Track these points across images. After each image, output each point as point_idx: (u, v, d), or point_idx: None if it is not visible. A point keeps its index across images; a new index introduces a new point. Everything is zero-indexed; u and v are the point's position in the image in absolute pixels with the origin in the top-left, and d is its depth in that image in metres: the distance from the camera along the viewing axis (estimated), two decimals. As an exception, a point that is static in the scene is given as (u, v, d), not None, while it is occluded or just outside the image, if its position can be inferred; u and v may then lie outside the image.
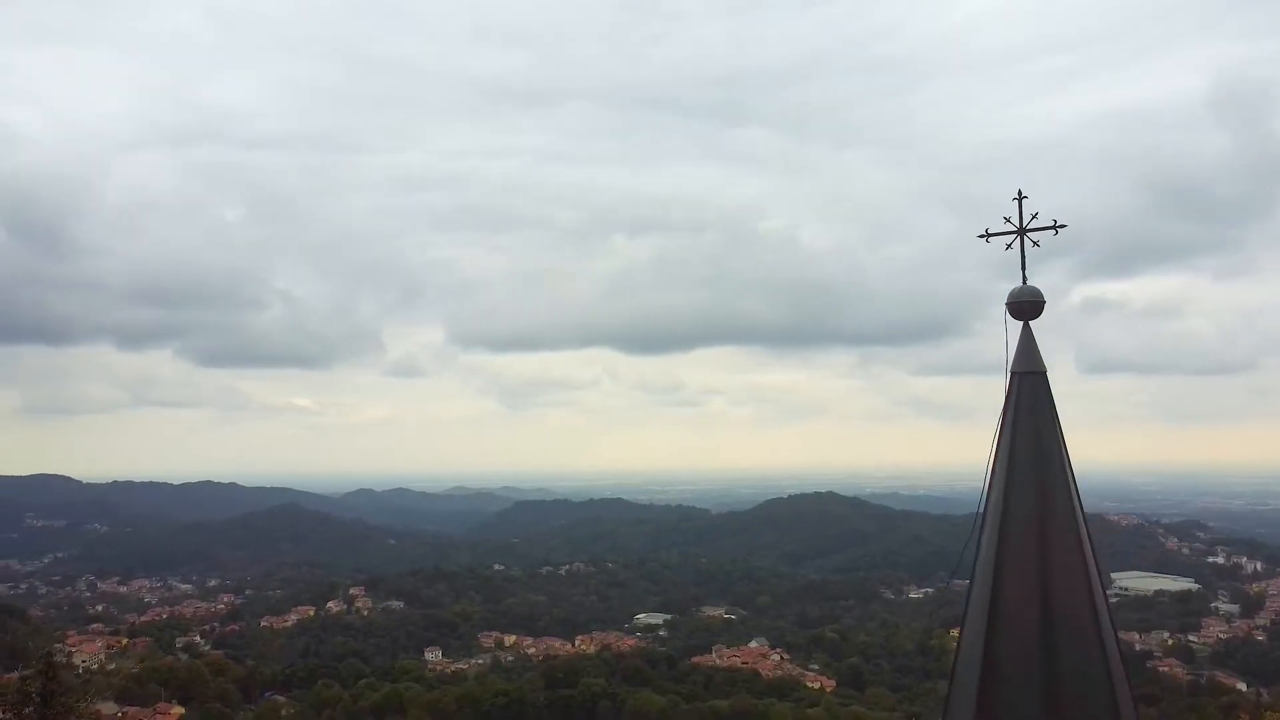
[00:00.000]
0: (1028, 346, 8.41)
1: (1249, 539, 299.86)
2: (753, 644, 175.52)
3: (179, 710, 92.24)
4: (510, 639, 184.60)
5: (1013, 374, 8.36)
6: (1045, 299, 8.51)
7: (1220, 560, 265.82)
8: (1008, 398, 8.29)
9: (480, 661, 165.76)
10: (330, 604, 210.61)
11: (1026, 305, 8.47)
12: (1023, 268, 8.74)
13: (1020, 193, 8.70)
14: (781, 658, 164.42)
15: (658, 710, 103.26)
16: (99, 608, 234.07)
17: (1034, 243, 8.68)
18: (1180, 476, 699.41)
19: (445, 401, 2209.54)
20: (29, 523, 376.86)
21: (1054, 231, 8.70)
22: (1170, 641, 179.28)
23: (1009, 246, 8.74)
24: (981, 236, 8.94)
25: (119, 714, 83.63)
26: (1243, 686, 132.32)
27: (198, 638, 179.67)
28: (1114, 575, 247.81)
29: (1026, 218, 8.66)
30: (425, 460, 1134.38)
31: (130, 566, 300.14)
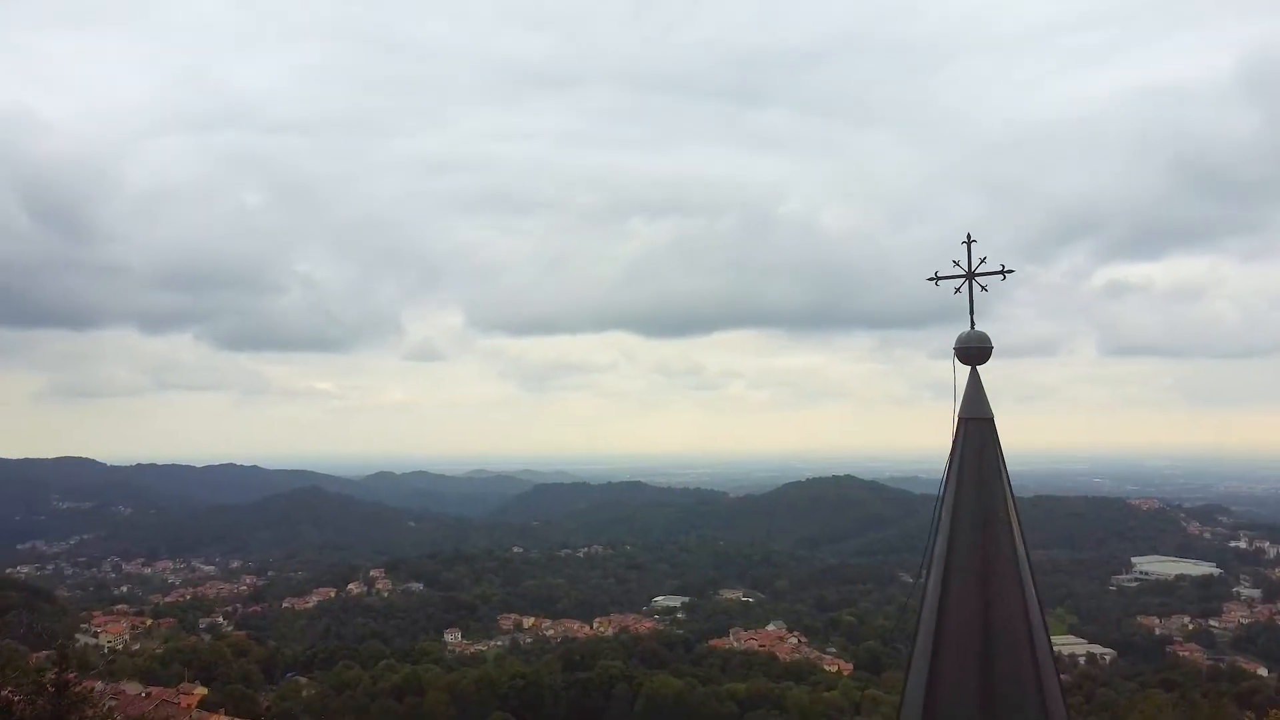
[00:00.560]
0: (975, 392, 8.45)
1: (1272, 523, 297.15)
2: (770, 627, 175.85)
3: (202, 690, 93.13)
4: (529, 621, 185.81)
5: (960, 419, 8.39)
6: (993, 345, 8.52)
7: (1243, 545, 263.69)
8: (955, 442, 8.35)
9: (499, 643, 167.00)
10: (351, 586, 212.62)
11: (974, 351, 8.54)
12: (970, 312, 8.78)
13: (969, 236, 8.72)
14: (799, 641, 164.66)
15: (674, 693, 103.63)
16: (124, 588, 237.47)
17: (982, 287, 8.68)
18: (1203, 460, 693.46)
19: (465, 385, 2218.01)
20: (55, 504, 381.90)
21: (1001, 277, 8.70)
22: (1191, 626, 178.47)
23: (957, 290, 8.75)
24: (930, 279, 8.95)
25: (143, 694, 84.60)
26: (1264, 671, 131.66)
27: (221, 618, 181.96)
28: (1134, 559, 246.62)
29: (975, 262, 8.64)
30: (445, 443, 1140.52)
31: (154, 548, 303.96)
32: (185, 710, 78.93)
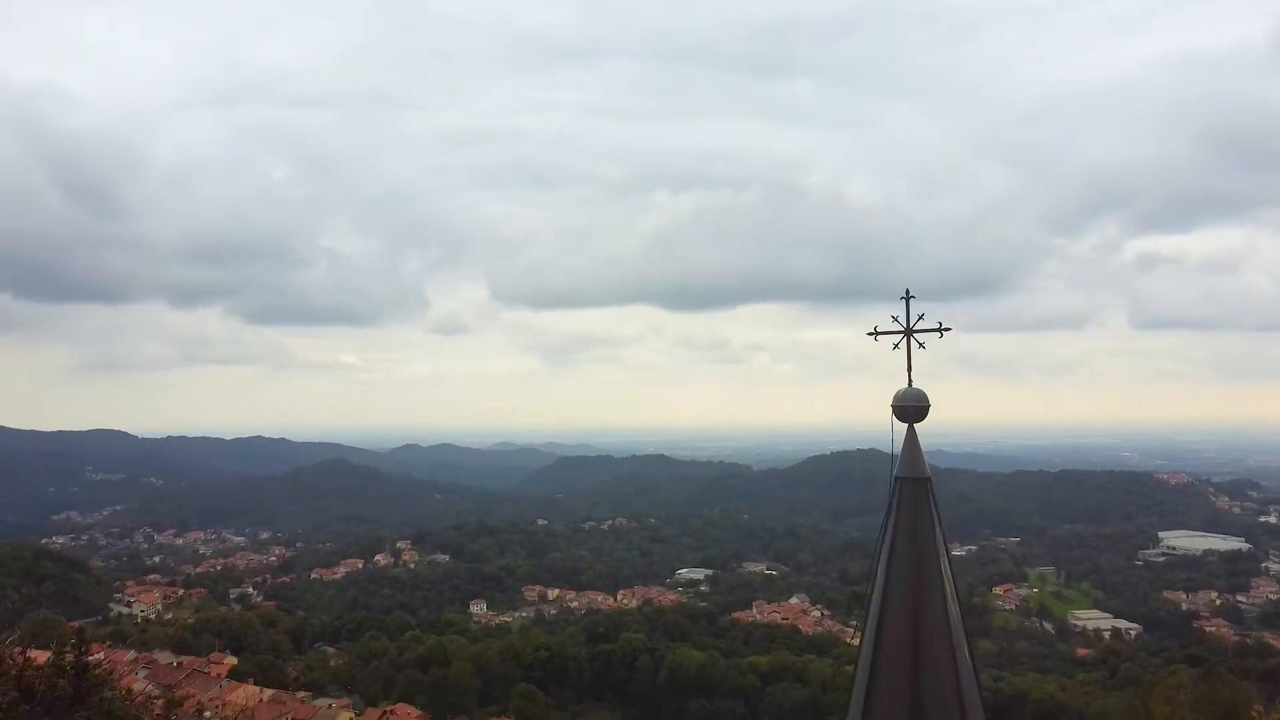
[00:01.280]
0: (912, 451, 8.33)
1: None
2: (793, 600, 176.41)
3: (232, 660, 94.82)
4: (554, 593, 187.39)
5: (896, 479, 8.32)
6: (930, 402, 8.42)
7: (1272, 519, 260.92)
8: (890, 502, 8.31)
9: (524, 615, 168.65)
10: (378, 557, 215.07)
11: (910, 409, 8.43)
12: (908, 369, 8.72)
13: (908, 291, 8.64)
14: (822, 614, 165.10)
15: (697, 665, 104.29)
16: (156, 559, 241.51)
17: (920, 344, 8.62)
18: (1234, 435, 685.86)
19: (489, 358, 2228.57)
20: (88, 476, 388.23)
21: (939, 335, 8.64)
22: (1218, 601, 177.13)
23: (896, 346, 8.68)
24: (870, 334, 8.91)
25: (175, 663, 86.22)
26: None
27: (250, 589, 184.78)
28: (1161, 534, 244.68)
29: (913, 318, 8.56)
30: (470, 416, 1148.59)
31: (185, 519, 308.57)
32: (215, 679, 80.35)
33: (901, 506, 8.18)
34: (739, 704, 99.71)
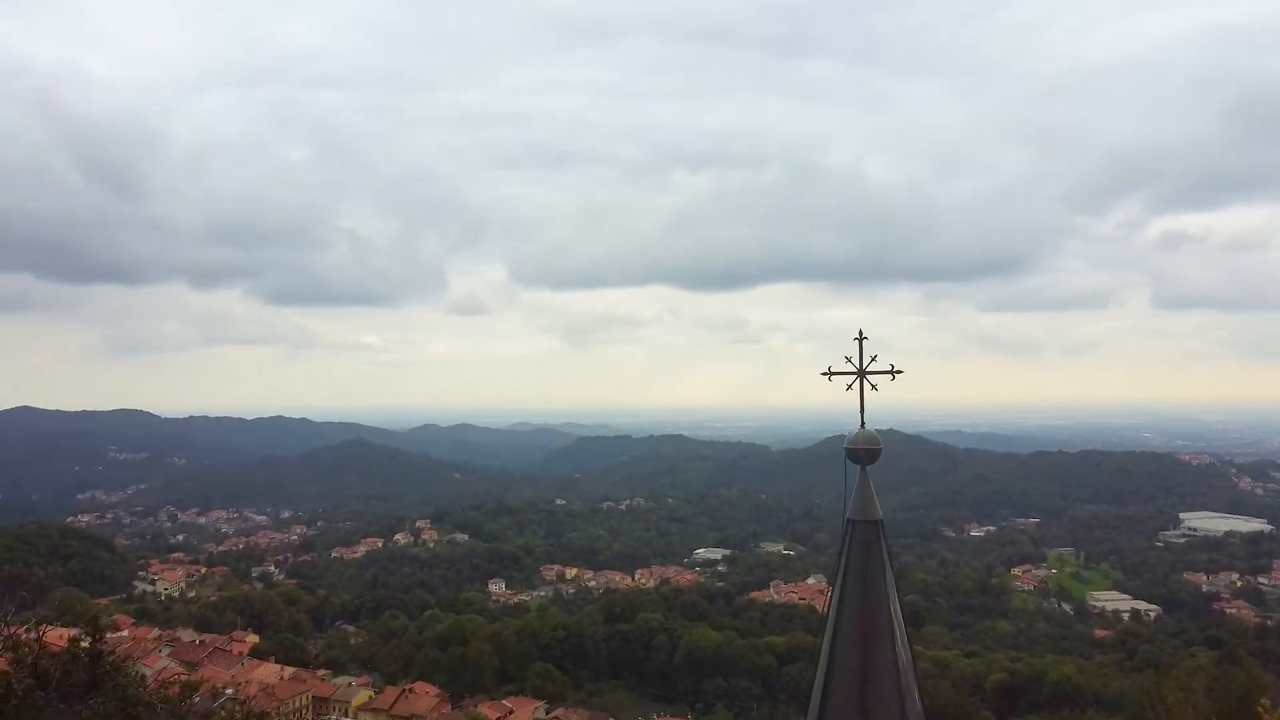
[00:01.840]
0: (864, 494, 8.45)
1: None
2: (810, 580, 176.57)
3: (253, 638, 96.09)
4: (572, 572, 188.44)
5: (848, 520, 8.37)
6: (882, 445, 8.63)
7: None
8: (842, 543, 8.35)
9: (542, 594, 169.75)
10: (397, 536, 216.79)
11: (862, 452, 8.59)
12: (861, 411, 8.84)
13: (860, 333, 8.66)
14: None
15: (713, 645, 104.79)
16: (180, 537, 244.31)
17: (873, 386, 8.72)
18: (1258, 415, 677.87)
19: (508, 339, 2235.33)
20: (112, 455, 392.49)
21: (891, 377, 8.77)
22: (1239, 583, 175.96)
23: (849, 388, 8.77)
24: (824, 374, 8.99)
25: (198, 640, 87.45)
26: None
27: (272, 567, 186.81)
28: (1182, 515, 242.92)
29: (866, 360, 8.57)
30: (488, 396, 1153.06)
31: (208, 498, 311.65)
32: (237, 657, 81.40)
33: (853, 549, 8.25)
34: (755, 684, 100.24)
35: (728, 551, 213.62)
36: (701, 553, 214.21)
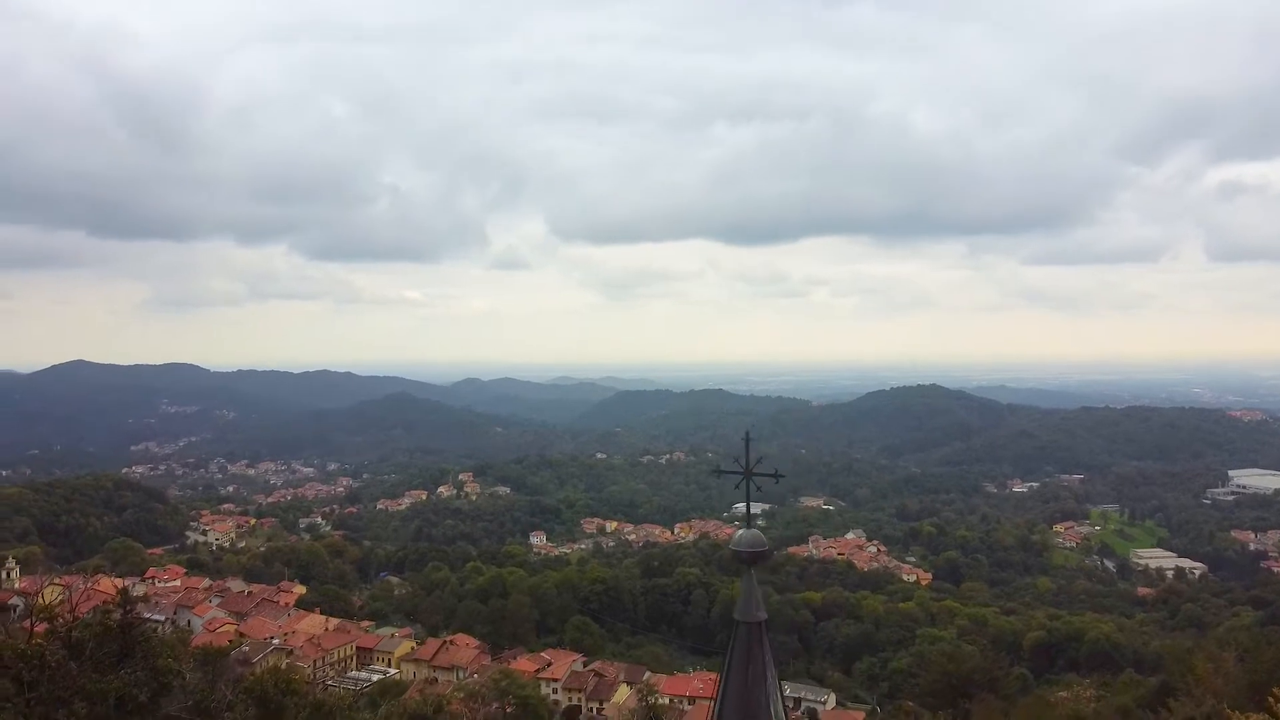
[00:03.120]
0: (749, 594, 8.49)
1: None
2: (849, 535, 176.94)
3: (300, 589, 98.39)
4: (612, 525, 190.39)
5: (735, 621, 8.41)
6: (767, 546, 8.78)
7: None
8: (729, 642, 8.40)
9: (583, 546, 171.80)
10: (441, 489, 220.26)
11: (746, 554, 8.63)
12: (747, 511, 9.21)
13: (748, 434, 8.89)
14: (878, 550, 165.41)
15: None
16: (230, 489, 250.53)
17: (758, 487, 8.85)
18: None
19: (548, 293, 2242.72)
20: (164, 408, 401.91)
21: (775, 480, 9.02)
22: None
23: (737, 486, 8.90)
24: (714, 473, 9.43)
25: (246, 591, 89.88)
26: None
27: (319, 519, 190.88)
28: (1231, 473, 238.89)
29: (753, 460, 8.73)
30: (530, 351, 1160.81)
31: (257, 450, 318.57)
32: (284, 608, 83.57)
33: (735, 650, 8.35)
34: (792, 639, 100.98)
35: (767, 506, 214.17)
36: (740, 507, 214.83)
